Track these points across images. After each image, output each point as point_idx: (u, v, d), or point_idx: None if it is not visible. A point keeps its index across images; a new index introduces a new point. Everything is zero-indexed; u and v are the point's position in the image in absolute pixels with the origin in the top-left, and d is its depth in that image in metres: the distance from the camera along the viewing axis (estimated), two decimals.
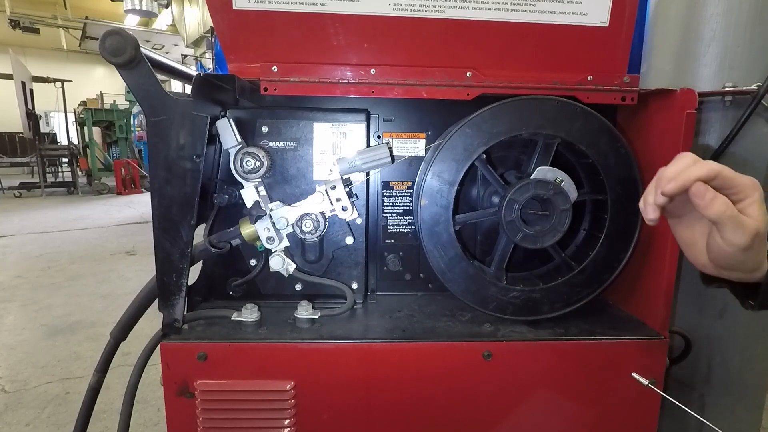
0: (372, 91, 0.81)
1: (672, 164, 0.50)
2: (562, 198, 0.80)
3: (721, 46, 0.91)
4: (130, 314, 0.86)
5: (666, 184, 0.49)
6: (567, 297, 0.85)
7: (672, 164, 0.50)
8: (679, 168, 0.49)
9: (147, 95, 0.70)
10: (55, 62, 14.27)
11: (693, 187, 0.47)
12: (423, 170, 0.88)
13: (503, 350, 0.79)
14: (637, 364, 0.81)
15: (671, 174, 0.49)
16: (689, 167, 0.48)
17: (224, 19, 0.80)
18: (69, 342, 2.80)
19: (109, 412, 2.04)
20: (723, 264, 0.52)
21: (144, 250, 4.90)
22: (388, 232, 0.99)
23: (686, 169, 0.48)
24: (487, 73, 0.82)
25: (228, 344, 0.76)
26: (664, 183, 0.49)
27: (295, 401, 0.78)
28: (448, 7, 0.81)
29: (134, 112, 11.02)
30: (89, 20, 10.93)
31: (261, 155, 0.84)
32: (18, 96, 8.36)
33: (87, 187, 10.18)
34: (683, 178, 0.48)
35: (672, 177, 0.49)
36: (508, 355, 0.79)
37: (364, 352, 0.78)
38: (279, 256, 0.86)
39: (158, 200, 0.74)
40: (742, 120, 0.87)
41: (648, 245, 0.85)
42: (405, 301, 0.96)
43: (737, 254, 0.49)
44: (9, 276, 4.05)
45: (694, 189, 0.47)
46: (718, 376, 0.99)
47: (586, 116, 0.80)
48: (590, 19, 0.83)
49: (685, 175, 0.48)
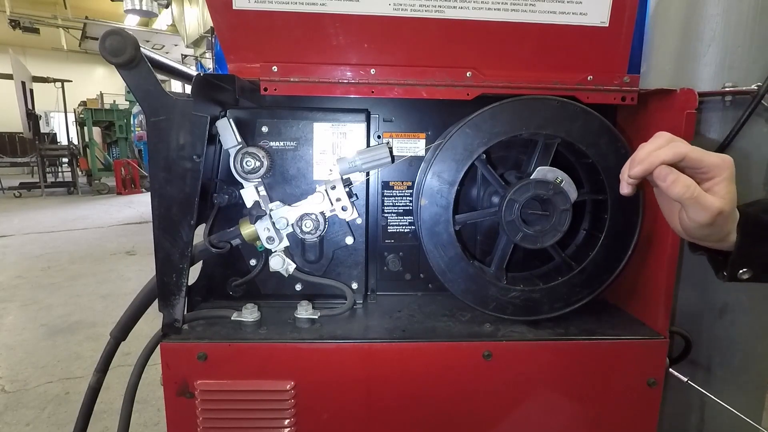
0: (372, 91, 0.81)
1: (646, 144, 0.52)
2: (562, 198, 0.80)
3: (721, 46, 0.91)
4: (130, 314, 0.86)
5: (633, 168, 0.52)
6: (567, 297, 0.85)
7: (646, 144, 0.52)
8: (649, 149, 0.51)
9: (147, 95, 0.70)
10: (55, 62, 14.27)
11: (656, 171, 0.50)
12: (423, 170, 0.88)
13: (503, 350, 0.79)
14: (637, 364, 0.81)
15: (641, 156, 0.51)
16: (658, 149, 0.51)
17: (224, 19, 0.80)
18: (69, 342, 2.80)
19: (109, 412, 2.04)
20: (691, 235, 0.55)
21: (144, 250, 4.90)
22: (388, 232, 0.99)
23: (655, 151, 0.51)
24: (487, 73, 0.82)
25: (228, 344, 0.76)
26: (634, 165, 0.52)
27: (295, 401, 0.78)
28: (448, 7, 0.81)
29: (134, 112, 11.03)
30: (89, 20, 10.93)
31: (261, 155, 0.84)
32: (18, 96, 8.36)
33: (87, 187, 10.18)
34: (648, 162, 0.50)
35: (641, 159, 0.51)
36: (508, 355, 0.79)
37: (364, 352, 0.78)
38: (279, 256, 0.86)
39: (158, 200, 0.74)
40: (742, 120, 0.87)
41: (648, 245, 0.85)
42: (405, 301, 0.96)
43: (700, 229, 0.52)
44: (9, 276, 4.05)
45: (656, 172, 0.50)
46: (718, 376, 0.99)
47: (586, 116, 0.80)
48: (590, 19, 0.83)
49: (652, 158, 0.50)
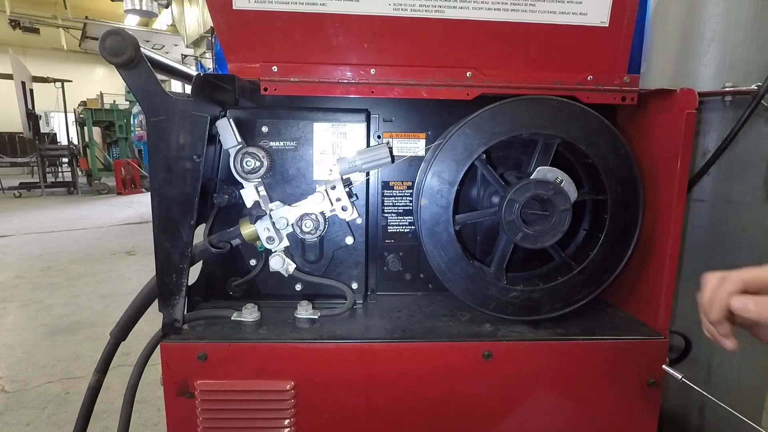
0: (372, 91, 0.81)
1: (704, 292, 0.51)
2: (562, 198, 0.80)
3: (721, 46, 0.91)
4: (130, 314, 0.86)
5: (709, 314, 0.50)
6: (567, 297, 0.85)
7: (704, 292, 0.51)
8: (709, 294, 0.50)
9: (147, 95, 0.70)
10: (55, 62, 14.27)
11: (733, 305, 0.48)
12: (423, 170, 0.88)
13: (503, 350, 0.79)
14: (637, 364, 0.81)
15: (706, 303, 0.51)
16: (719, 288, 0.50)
17: (224, 19, 0.80)
18: (69, 342, 2.80)
19: (109, 412, 2.03)
20: None
21: (144, 250, 4.90)
22: (388, 232, 0.99)
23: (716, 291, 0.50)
24: (487, 73, 0.82)
25: (228, 344, 0.76)
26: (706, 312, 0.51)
27: (295, 401, 0.78)
28: (448, 7, 0.81)
29: (134, 112, 11.02)
30: (89, 20, 10.93)
31: (261, 155, 0.84)
32: (18, 96, 8.35)
33: (87, 187, 10.17)
34: (719, 302, 0.49)
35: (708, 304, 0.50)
36: (508, 355, 0.79)
37: (364, 352, 0.78)
38: (279, 256, 0.86)
39: (158, 200, 0.74)
40: (742, 120, 0.87)
41: (648, 245, 0.85)
42: (405, 301, 0.96)
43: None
44: (9, 276, 4.05)
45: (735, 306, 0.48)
46: (718, 376, 0.99)
47: (586, 116, 0.80)
48: (590, 19, 0.83)
49: (719, 297, 0.49)
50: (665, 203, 0.80)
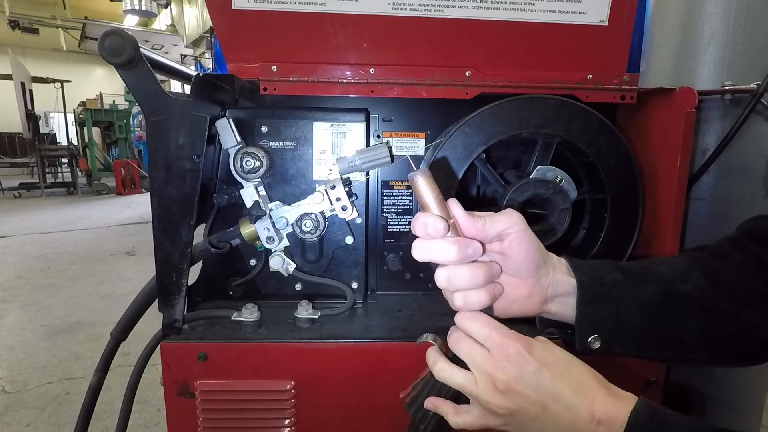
0: (371, 91, 0.81)
1: None
2: (562, 197, 0.80)
3: (720, 45, 0.91)
4: (130, 314, 0.86)
5: None
6: None
7: None
8: None
9: (146, 95, 0.70)
10: (55, 62, 14.28)
11: None
12: None
13: None
14: (637, 363, 0.81)
15: None
16: None
17: (224, 19, 0.80)
18: (69, 342, 2.80)
19: (109, 413, 2.04)
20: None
21: (144, 250, 4.91)
22: (388, 232, 0.99)
23: None
24: (486, 73, 0.82)
25: (228, 344, 0.76)
26: None
27: (295, 401, 0.78)
28: (447, 6, 0.81)
29: (134, 112, 11.02)
30: (88, 20, 10.94)
31: (260, 155, 0.84)
32: (17, 96, 8.35)
33: (87, 188, 10.18)
34: None
35: None
36: None
37: (364, 352, 0.78)
38: (279, 256, 0.86)
39: (158, 200, 0.74)
40: (741, 119, 0.87)
41: (648, 244, 0.85)
42: (405, 301, 0.96)
43: None
44: (9, 276, 4.05)
45: None
46: (719, 376, 0.99)
47: (585, 115, 0.80)
48: (589, 18, 0.83)
49: None
50: (665, 202, 0.80)
